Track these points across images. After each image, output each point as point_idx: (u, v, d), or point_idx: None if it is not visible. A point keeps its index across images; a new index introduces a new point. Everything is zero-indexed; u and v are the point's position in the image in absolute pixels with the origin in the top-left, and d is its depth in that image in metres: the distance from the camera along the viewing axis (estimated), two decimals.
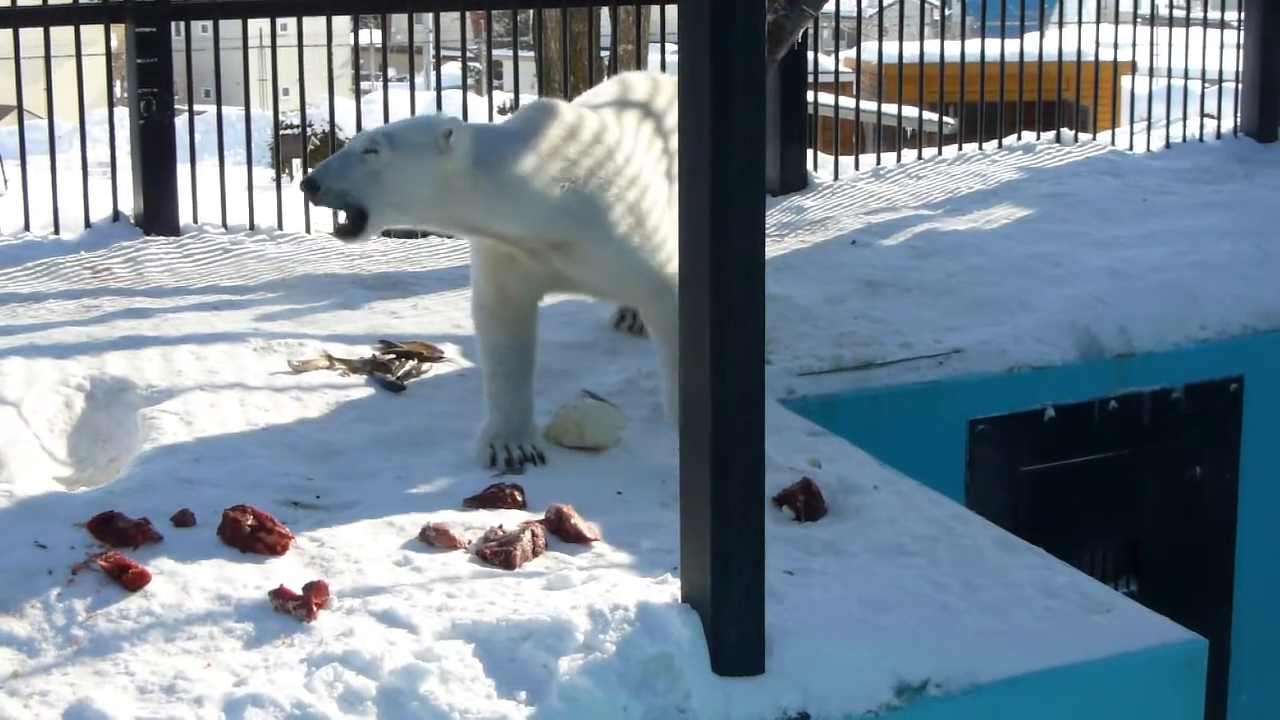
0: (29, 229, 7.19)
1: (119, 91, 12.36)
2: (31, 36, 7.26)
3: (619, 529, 4.03)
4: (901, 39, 16.89)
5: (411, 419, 4.84)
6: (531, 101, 4.93)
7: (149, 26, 7.08)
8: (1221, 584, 6.43)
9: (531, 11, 10.39)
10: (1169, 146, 9.39)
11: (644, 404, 4.95)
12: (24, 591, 3.54)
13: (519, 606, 3.52)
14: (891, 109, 12.04)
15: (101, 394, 5.08)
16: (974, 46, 9.51)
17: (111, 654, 3.35)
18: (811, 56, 8.42)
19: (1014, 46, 9.43)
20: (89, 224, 7.19)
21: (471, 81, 15.43)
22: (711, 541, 3.34)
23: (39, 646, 3.39)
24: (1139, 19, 10.54)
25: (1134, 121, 10.81)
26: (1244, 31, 9.55)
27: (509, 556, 3.79)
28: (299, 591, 3.53)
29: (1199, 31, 9.78)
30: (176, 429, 4.66)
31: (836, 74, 15.55)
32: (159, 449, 4.52)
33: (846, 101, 12.52)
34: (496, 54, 20.66)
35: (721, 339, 3.30)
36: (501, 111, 6.64)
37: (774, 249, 6.87)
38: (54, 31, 7.26)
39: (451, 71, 20.57)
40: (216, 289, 6.47)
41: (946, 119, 11.05)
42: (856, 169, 8.76)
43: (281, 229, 7.41)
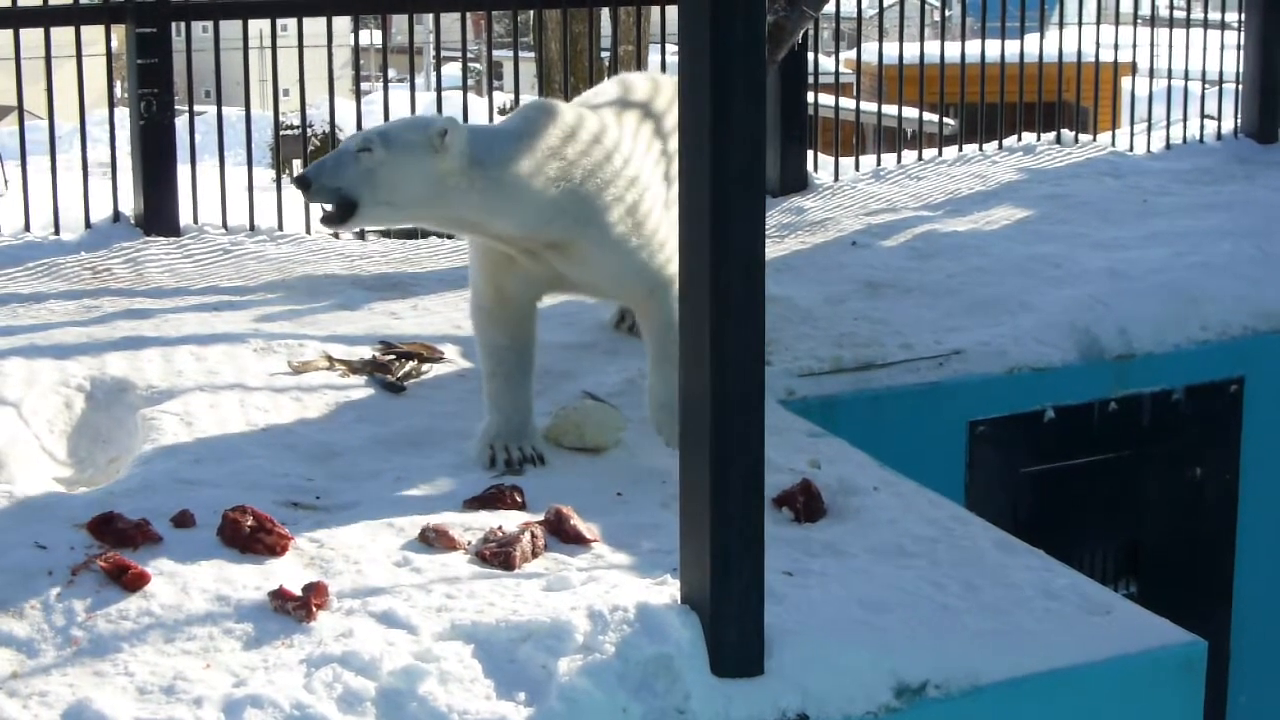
0: (29, 229, 7.19)
1: (119, 92, 12.39)
2: (32, 37, 7.26)
3: (618, 530, 4.03)
4: (901, 40, 16.90)
5: (411, 420, 4.83)
6: (530, 101, 4.92)
7: (149, 27, 7.08)
8: (1221, 585, 6.43)
9: (532, 12, 10.38)
10: (1169, 147, 9.39)
11: (644, 405, 4.95)
12: (23, 592, 3.54)
13: (518, 607, 3.52)
14: (891, 110, 12.04)
15: (101, 394, 5.08)
16: (974, 47, 9.51)
17: (111, 654, 3.35)
18: (812, 57, 8.42)
19: (1014, 47, 9.43)
20: (89, 224, 7.19)
21: (472, 82, 15.41)
22: (711, 542, 3.34)
23: (38, 647, 3.39)
24: (1139, 20, 10.53)
25: (1134, 122, 10.81)
26: (1244, 32, 9.54)
27: (508, 557, 3.79)
28: (298, 592, 3.53)
29: (1199, 32, 9.77)
30: (176, 429, 4.66)
31: (837, 75, 15.56)
32: (159, 449, 4.52)
33: (847, 102, 12.53)
34: (497, 55, 20.66)
35: (721, 340, 3.30)
36: (502, 112, 6.63)
37: (774, 250, 6.87)
38: (54, 32, 7.26)
39: (452, 72, 20.57)
40: (216, 290, 6.47)
41: (947, 120, 11.06)
42: (857, 170, 8.76)
43: (282, 230, 7.41)
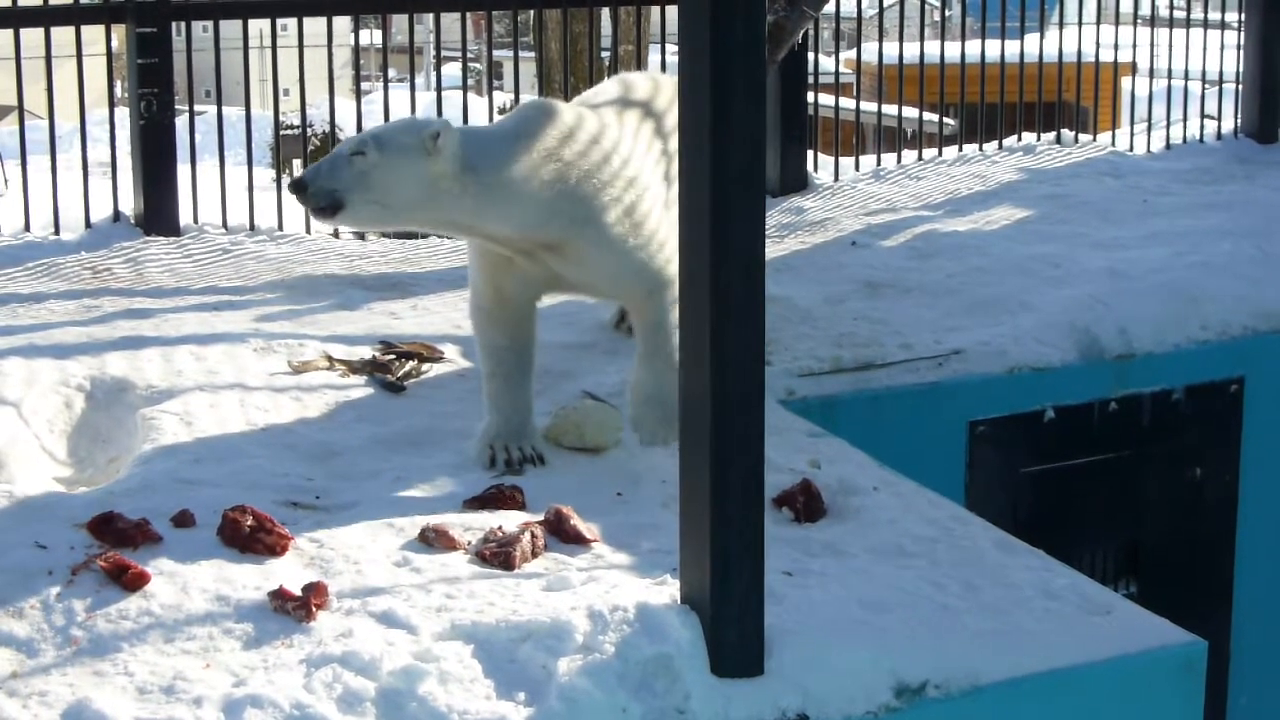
0: (29, 229, 7.19)
1: (119, 92, 12.40)
2: (32, 37, 7.26)
3: (618, 530, 4.03)
4: (901, 40, 16.90)
5: (411, 420, 4.83)
6: (528, 101, 4.91)
7: (150, 27, 7.08)
8: (1221, 585, 6.43)
9: (532, 12, 10.38)
10: (1169, 147, 9.39)
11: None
12: (23, 591, 3.54)
13: (518, 607, 3.52)
14: (891, 110, 12.05)
15: (101, 394, 5.08)
16: (974, 47, 9.51)
17: (111, 654, 3.35)
18: (812, 57, 8.42)
19: (1014, 47, 9.43)
20: (89, 224, 7.19)
21: (472, 82, 15.42)
22: (711, 542, 3.34)
23: (38, 647, 3.39)
24: (1139, 20, 10.53)
25: (1134, 122, 10.81)
26: (1244, 32, 9.54)
27: (508, 557, 3.79)
28: (298, 592, 3.53)
29: (1199, 32, 9.78)
30: (176, 429, 4.66)
31: (837, 75, 15.57)
32: (159, 449, 4.52)
33: (847, 102, 12.53)
34: (497, 54, 20.66)
35: (721, 340, 3.30)
36: (501, 111, 6.62)
37: (774, 250, 6.87)
38: (55, 32, 7.27)
39: (452, 72, 20.59)
40: (216, 289, 6.47)
41: (946, 120, 11.06)
42: (856, 170, 8.76)
43: (282, 229, 7.41)
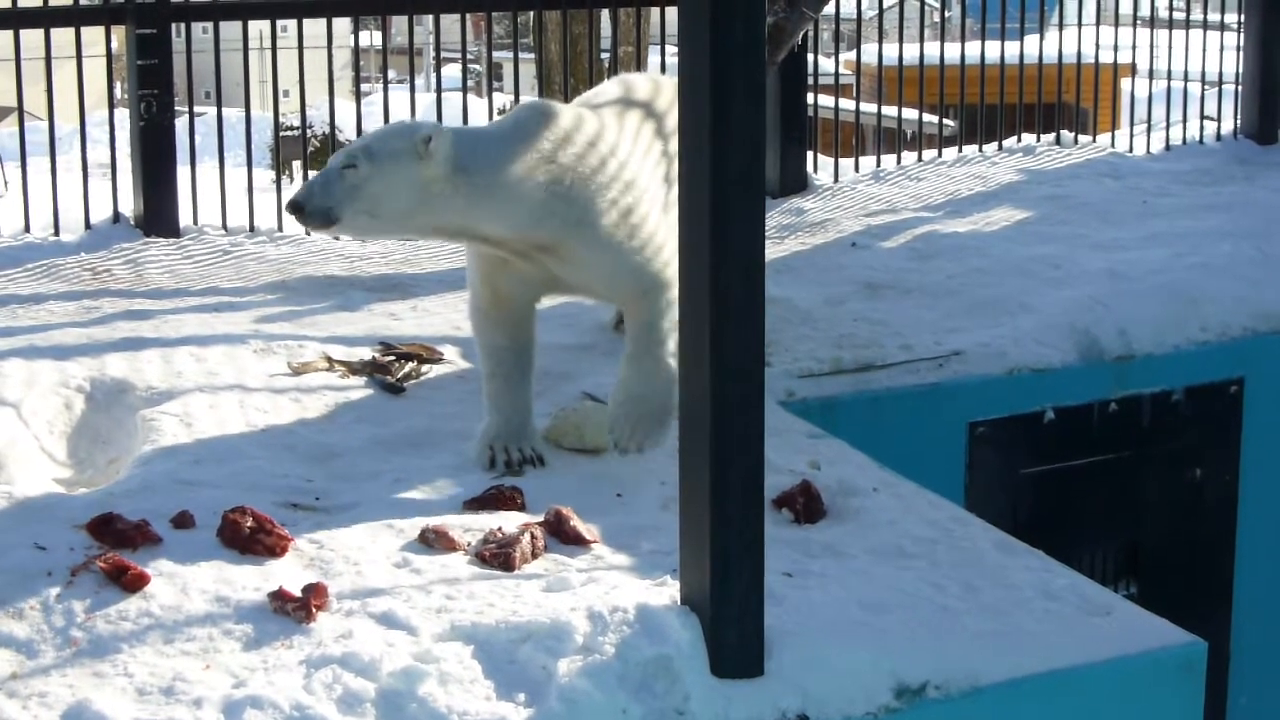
0: (29, 230, 7.19)
1: (119, 93, 12.38)
2: (32, 38, 7.26)
3: (618, 531, 4.03)
4: (901, 41, 16.91)
5: (411, 421, 4.83)
6: (526, 102, 4.90)
7: (149, 28, 7.08)
8: (1221, 586, 6.43)
9: (532, 13, 10.38)
10: (1169, 148, 9.39)
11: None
12: (23, 592, 3.54)
13: (518, 608, 3.52)
14: (891, 111, 12.04)
15: (101, 395, 5.08)
16: (974, 49, 9.50)
17: (110, 655, 3.35)
18: (811, 59, 8.42)
19: (1014, 49, 9.43)
20: (89, 225, 7.19)
21: (472, 83, 15.42)
22: (711, 543, 3.33)
23: (38, 648, 3.39)
24: (1139, 21, 10.54)
25: (1134, 124, 10.82)
26: (1244, 33, 9.54)
27: (508, 558, 3.79)
28: (298, 593, 3.52)
29: (1199, 34, 9.78)
30: (176, 430, 4.66)
31: (836, 76, 15.58)
32: (158, 450, 4.52)
33: (846, 104, 12.54)
34: (497, 56, 20.67)
35: (721, 341, 3.30)
36: (501, 113, 6.63)
37: (774, 251, 6.87)
38: (54, 33, 7.26)
39: (452, 73, 20.60)
40: (216, 291, 6.47)
41: (946, 121, 11.07)
42: (856, 171, 8.76)
43: (281, 231, 7.41)
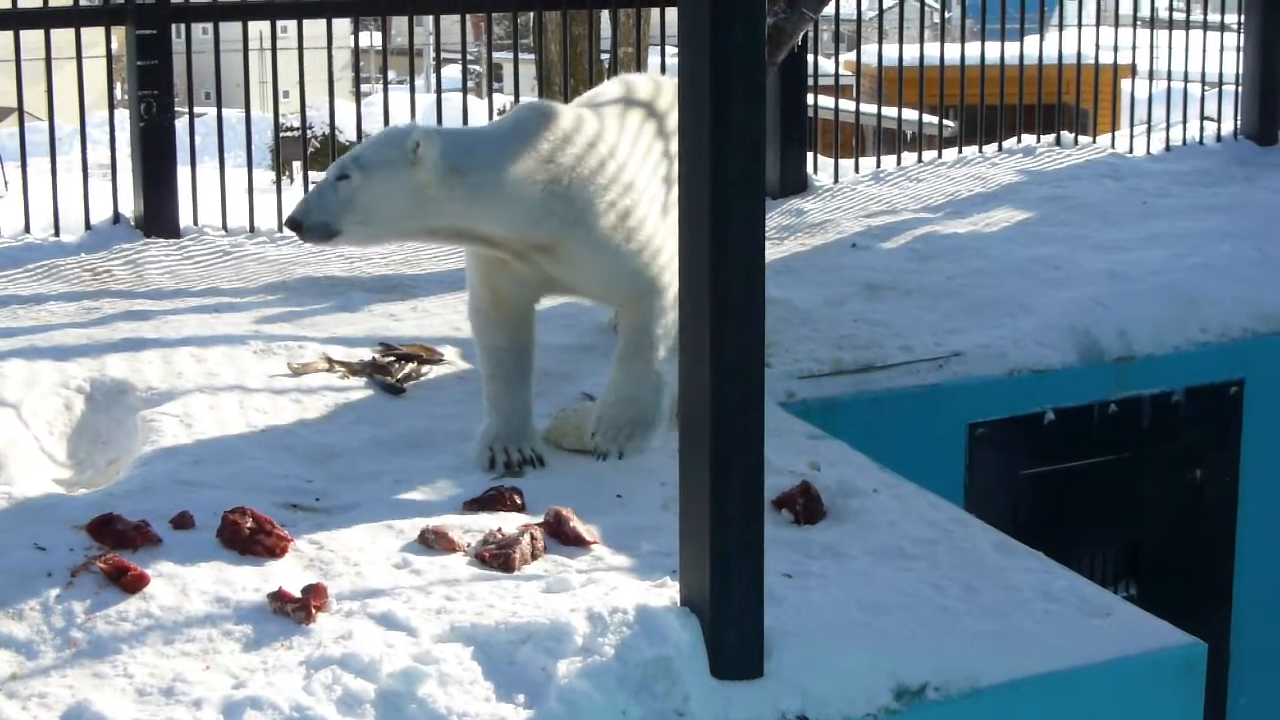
0: (29, 231, 7.19)
1: (119, 93, 12.39)
2: (32, 38, 7.26)
3: (618, 532, 4.03)
4: (901, 42, 16.90)
5: (411, 421, 4.83)
6: (526, 102, 4.91)
7: (149, 29, 7.08)
8: (1221, 587, 6.43)
9: (532, 14, 10.38)
10: (1169, 149, 9.39)
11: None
12: (23, 593, 3.54)
13: (518, 609, 3.52)
14: (891, 112, 12.05)
15: (101, 396, 5.08)
16: (974, 49, 9.50)
17: (110, 656, 3.35)
18: (811, 59, 8.42)
19: (1014, 49, 9.43)
20: (89, 226, 7.19)
21: (472, 84, 15.43)
22: (711, 544, 3.33)
23: (38, 648, 3.39)
24: (1139, 22, 10.54)
25: (1134, 124, 10.82)
26: (1244, 34, 9.55)
27: (508, 559, 3.79)
28: (298, 594, 3.52)
29: (1199, 34, 9.78)
30: (176, 431, 4.66)
31: (836, 77, 15.58)
32: (158, 451, 4.52)
33: (846, 104, 12.54)
34: (497, 56, 20.67)
35: (721, 341, 3.30)
36: (501, 113, 6.63)
37: (774, 252, 6.87)
38: (54, 33, 7.26)
39: (452, 74, 20.60)
40: (216, 291, 6.48)
41: (946, 122, 11.06)
42: (856, 172, 8.76)
43: (281, 231, 7.40)
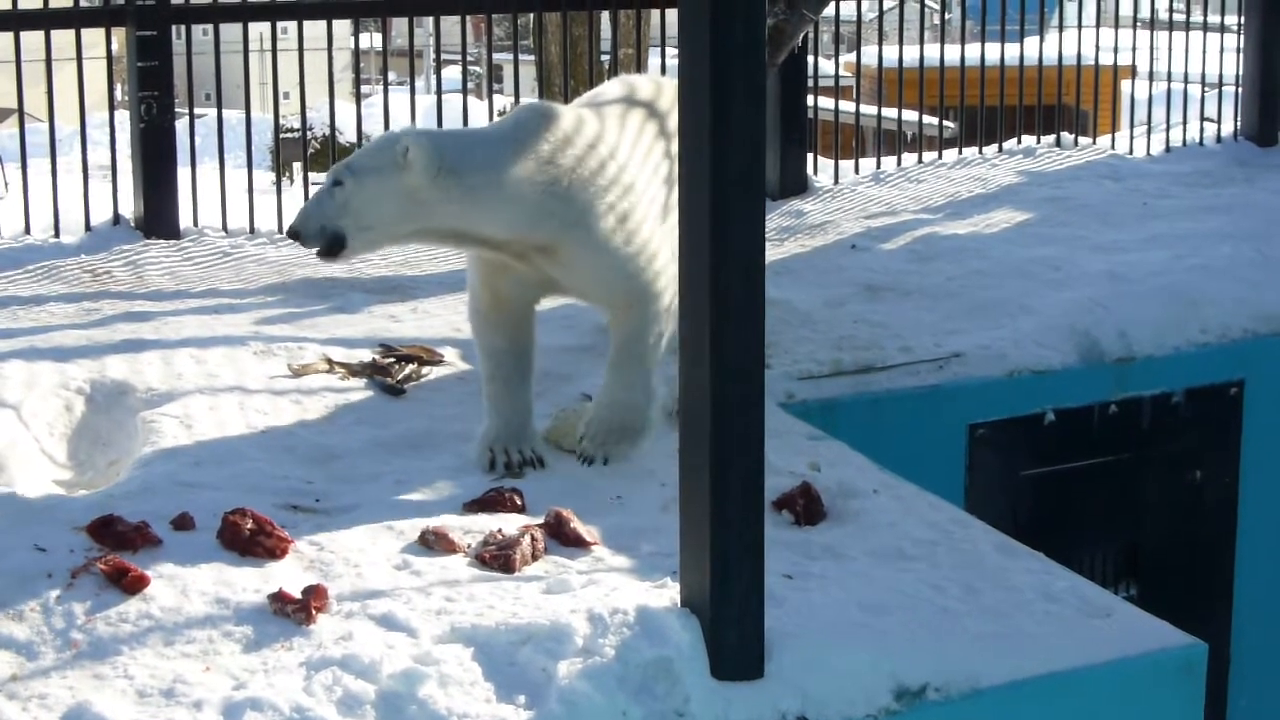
0: (29, 232, 7.19)
1: (119, 95, 12.39)
2: (32, 39, 7.26)
3: (618, 533, 4.03)
4: (901, 43, 16.89)
5: (411, 422, 4.83)
6: (526, 104, 4.91)
7: (150, 30, 7.08)
8: (1221, 588, 6.43)
9: (532, 15, 10.38)
10: (1169, 150, 9.39)
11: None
12: (23, 594, 3.54)
13: (518, 610, 3.52)
14: (891, 113, 12.04)
15: (101, 397, 5.08)
16: (974, 50, 9.50)
17: (110, 657, 3.35)
18: (811, 60, 8.42)
19: (1014, 50, 9.43)
20: (89, 227, 7.19)
21: (472, 85, 15.41)
22: (711, 545, 3.34)
23: (38, 649, 3.39)
24: (1139, 23, 10.53)
25: (1134, 125, 10.82)
26: (1244, 35, 9.55)
27: (508, 560, 3.79)
28: (298, 595, 3.53)
29: (1199, 35, 9.78)
30: (176, 432, 4.66)
31: (836, 78, 15.57)
32: (158, 452, 4.52)
33: (846, 105, 12.53)
34: (497, 57, 20.66)
35: (721, 342, 3.30)
36: (501, 114, 6.63)
37: (774, 253, 6.87)
38: (55, 34, 7.26)
39: (452, 75, 20.60)
40: (216, 292, 6.48)
41: (946, 123, 11.05)
42: (856, 173, 8.76)
43: (281, 232, 7.40)
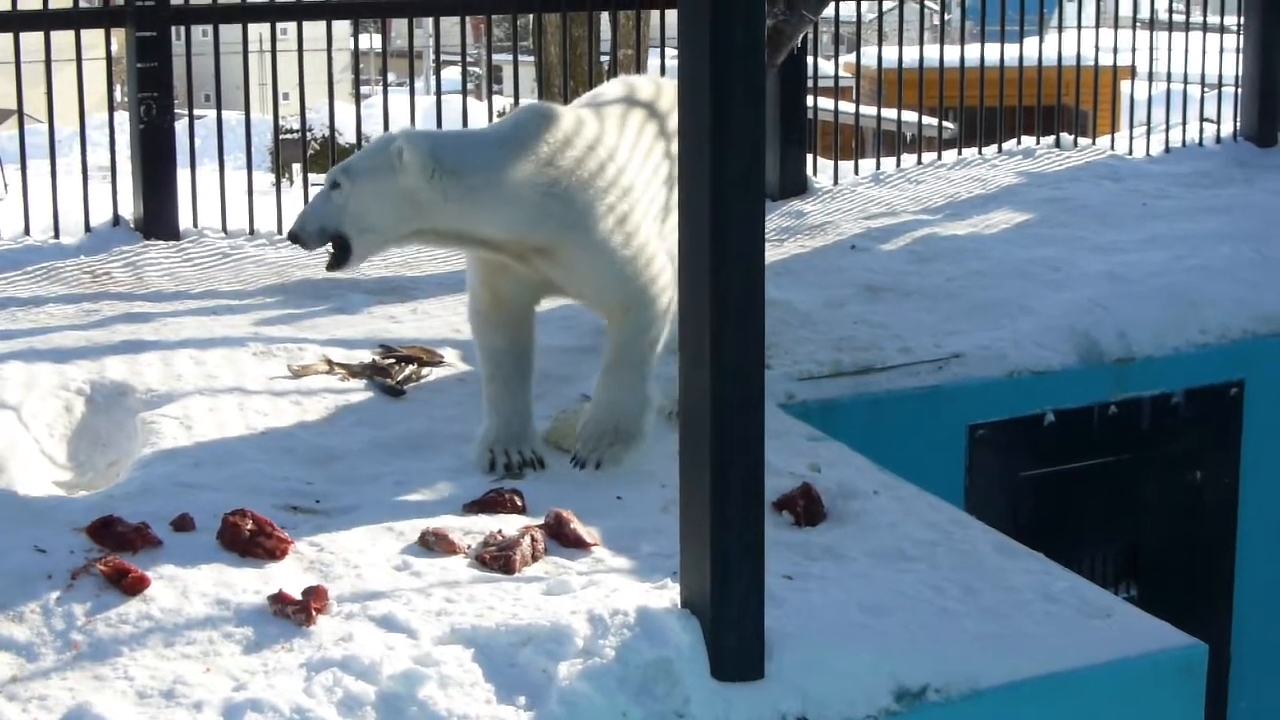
0: (29, 233, 7.19)
1: (119, 96, 12.39)
2: (32, 40, 7.26)
3: (618, 534, 4.03)
4: (901, 44, 16.90)
5: (411, 423, 4.83)
6: (527, 104, 4.91)
7: (149, 30, 7.08)
8: (1221, 589, 6.43)
9: (531, 16, 10.39)
10: (1168, 151, 9.39)
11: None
12: (23, 595, 3.54)
13: (518, 611, 3.52)
14: (891, 114, 12.03)
15: (101, 398, 5.08)
16: (973, 51, 9.50)
17: (110, 658, 3.35)
18: (811, 61, 8.42)
19: (1013, 51, 9.43)
20: (89, 228, 7.19)
21: (471, 86, 15.41)
22: (711, 546, 3.33)
23: (38, 651, 3.39)
24: (1138, 23, 10.54)
25: (1133, 126, 10.82)
26: (1244, 36, 9.55)
27: (508, 561, 3.79)
28: (298, 596, 3.52)
29: (1199, 36, 9.78)
30: (176, 433, 4.66)
31: (836, 79, 15.58)
32: (158, 453, 4.52)
33: (846, 106, 12.54)
34: (496, 58, 20.68)
35: (721, 343, 3.30)
36: (501, 115, 6.63)
37: (773, 254, 6.87)
38: (54, 35, 7.26)
39: (451, 76, 20.59)
40: (216, 293, 6.48)
41: (946, 124, 11.06)
42: (856, 174, 8.76)
43: (281, 233, 7.40)
